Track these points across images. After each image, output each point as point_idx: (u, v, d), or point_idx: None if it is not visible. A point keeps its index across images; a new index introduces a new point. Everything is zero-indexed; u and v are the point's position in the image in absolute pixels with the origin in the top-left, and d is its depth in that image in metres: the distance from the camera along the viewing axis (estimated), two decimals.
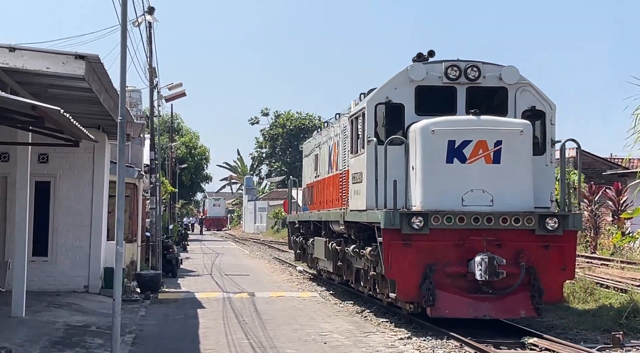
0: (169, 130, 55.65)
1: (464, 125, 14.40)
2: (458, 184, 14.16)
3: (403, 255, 13.96)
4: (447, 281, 13.88)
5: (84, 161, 18.88)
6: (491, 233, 13.87)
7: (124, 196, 10.27)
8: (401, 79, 15.29)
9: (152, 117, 24.82)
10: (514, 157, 14.20)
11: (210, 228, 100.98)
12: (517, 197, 14.18)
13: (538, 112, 15.33)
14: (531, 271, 13.84)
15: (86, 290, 18.60)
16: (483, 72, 15.21)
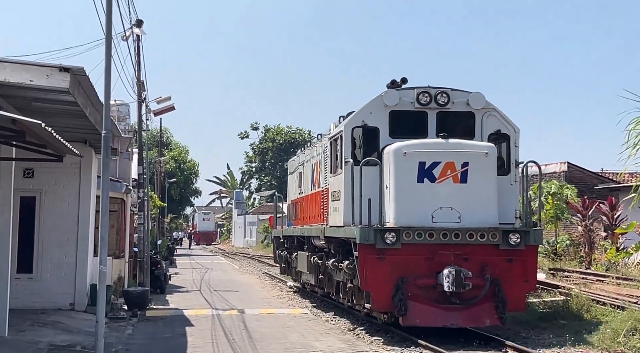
0: (157, 145, 55.29)
1: (434, 148, 15.52)
2: (428, 202, 15.24)
3: (377, 269, 14.97)
4: (418, 292, 14.88)
5: (70, 176, 18.51)
6: (458, 248, 14.95)
7: (107, 213, 9.94)
8: (376, 104, 16.42)
9: (140, 130, 24.47)
10: (480, 177, 15.29)
11: (199, 242, 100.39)
12: (482, 214, 15.24)
13: (503, 135, 16.45)
14: (496, 283, 14.87)
15: (72, 307, 18.19)
16: (452, 98, 16.38)
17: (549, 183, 28.16)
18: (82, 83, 11.53)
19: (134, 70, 21.94)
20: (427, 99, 16.33)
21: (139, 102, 23.00)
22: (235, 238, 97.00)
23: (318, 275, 20.22)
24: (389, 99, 16.30)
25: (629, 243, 21.30)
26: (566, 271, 20.42)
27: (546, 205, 27.79)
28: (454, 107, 16.43)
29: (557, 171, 36.28)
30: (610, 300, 15.68)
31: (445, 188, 15.28)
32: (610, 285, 17.77)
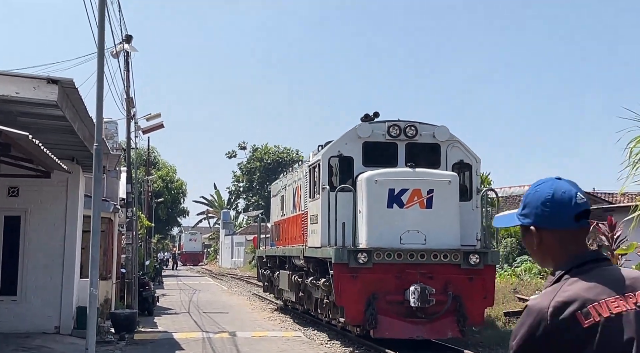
0: (145, 164, 54.66)
1: (402, 176, 16.97)
2: (397, 226, 16.61)
3: (350, 286, 16.33)
4: (387, 307, 16.21)
5: (56, 195, 17.92)
6: (424, 267, 16.37)
7: (99, 232, 9.35)
8: (351, 136, 18.06)
9: (129, 148, 23.93)
10: (444, 203, 16.76)
11: (186, 263, 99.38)
12: (446, 237, 16.70)
13: (466, 165, 18.15)
14: (457, 299, 16.29)
15: (57, 331, 17.52)
16: (420, 131, 17.99)
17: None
18: (71, 96, 11.00)
19: (123, 86, 21.46)
20: (397, 132, 17.91)
21: (128, 119, 22.46)
22: (223, 259, 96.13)
23: (298, 292, 21.44)
24: (362, 131, 17.92)
25: (629, 265, 20.79)
26: None
27: None
28: (421, 139, 18.01)
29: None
30: None
31: (412, 213, 16.72)
32: None
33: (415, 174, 16.98)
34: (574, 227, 2.74)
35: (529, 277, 24.90)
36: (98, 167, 8.99)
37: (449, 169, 17.76)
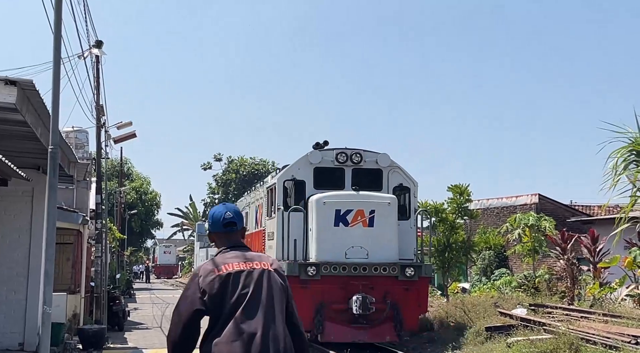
0: (118, 175, 53.77)
1: (347, 198, 19.02)
2: (342, 242, 18.61)
3: (301, 296, 16.99)
4: (333, 315, 18.25)
5: (21, 205, 17.16)
6: (366, 279, 18.43)
7: (54, 243, 8.62)
8: (303, 162, 20.14)
9: (99, 157, 23.16)
10: (384, 222, 18.78)
11: (160, 276, 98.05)
12: (385, 252, 18.72)
13: (405, 188, 20.39)
14: (395, 307, 18.37)
15: (21, 348, 16.73)
16: (364, 157, 20.17)
17: (527, 215, 27.34)
18: (32, 99, 10.33)
19: (92, 94, 20.74)
20: (344, 158, 20.06)
21: (98, 127, 21.72)
22: None
23: None
24: (313, 158, 20.04)
25: (612, 278, 20.45)
26: (548, 307, 19.41)
27: (524, 237, 26.96)
28: (365, 164, 20.16)
29: (527, 203, 35.55)
30: (600, 339, 14.62)
31: (356, 231, 18.74)
32: (597, 322, 16.78)
33: (359, 196, 19.06)
34: (223, 230, 5.04)
35: (509, 291, 24.47)
36: (53, 172, 8.29)
37: (390, 192, 19.93)
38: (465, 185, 25.55)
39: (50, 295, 8.39)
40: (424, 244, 20.79)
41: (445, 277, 26.06)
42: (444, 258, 25.40)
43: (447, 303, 23.90)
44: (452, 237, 25.37)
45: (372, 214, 18.73)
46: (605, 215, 31.31)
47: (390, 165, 20.35)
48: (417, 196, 20.70)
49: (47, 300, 8.23)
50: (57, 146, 8.56)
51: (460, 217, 25.95)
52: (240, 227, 5.05)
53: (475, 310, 20.41)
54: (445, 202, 25.79)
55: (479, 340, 18.02)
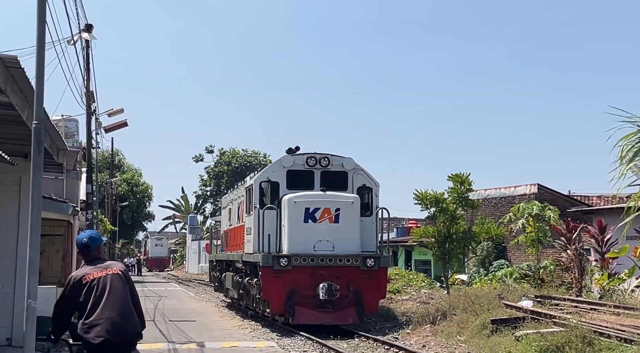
0: (109, 167, 52.96)
1: (316, 198, 21.43)
2: (311, 236, 21.03)
3: (274, 284, 20.85)
4: (302, 300, 20.72)
5: (8, 195, 16.43)
6: (331, 268, 20.80)
7: (38, 230, 7.85)
8: (277, 165, 22.77)
9: (90, 146, 22.42)
10: (348, 218, 21.24)
11: (152, 269, 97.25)
12: (349, 245, 21.15)
13: (367, 188, 22.72)
14: (357, 293, 20.84)
15: (9, 343, 16.02)
16: (331, 161, 22.54)
17: (530, 204, 26.72)
18: (17, 78, 9.60)
19: (82, 80, 19.97)
20: (314, 162, 22.43)
21: (88, 114, 20.96)
22: (190, 264, 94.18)
23: (239, 290, 25.66)
24: (286, 162, 22.46)
25: (621, 269, 19.85)
26: (555, 298, 18.78)
27: (527, 227, 26.33)
28: (332, 167, 22.50)
29: (527, 193, 34.99)
30: (614, 332, 14.03)
31: (323, 227, 21.16)
32: (607, 314, 16.19)
33: (326, 196, 21.50)
34: (82, 250, 7.66)
35: (512, 282, 23.86)
36: (38, 150, 7.56)
37: (354, 192, 22.24)
38: (466, 174, 24.87)
39: (35, 288, 7.66)
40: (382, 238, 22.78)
41: (446, 268, 25.42)
42: (444, 249, 24.79)
43: (449, 295, 23.28)
44: (453, 227, 24.75)
45: (338, 212, 21.23)
46: (605, 205, 30.79)
47: (355, 168, 22.76)
48: (378, 195, 22.85)
49: (32, 294, 7.49)
50: (41, 121, 7.85)
51: (461, 207, 25.29)
52: (96, 246, 7.74)
53: (478, 302, 19.75)
54: (446, 191, 25.12)
55: (485, 333, 17.39)
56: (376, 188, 22.80)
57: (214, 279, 34.22)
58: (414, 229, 27.67)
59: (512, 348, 15.38)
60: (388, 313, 23.82)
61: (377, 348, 17.84)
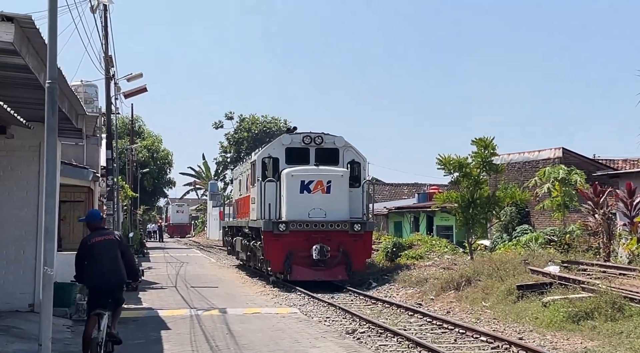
0: (129, 133, 52.83)
1: (310, 172, 24.62)
2: (306, 205, 24.24)
3: (274, 246, 24.22)
4: (299, 260, 23.95)
5: (28, 161, 16.26)
6: (324, 233, 24.01)
7: (55, 194, 7.60)
8: (277, 143, 26.20)
9: (109, 111, 22.16)
10: (338, 189, 24.42)
11: (173, 235, 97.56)
12: (339, 212, 24.38)
13: (356, 163, 25.92)
14: (346, 254, 24.06)
15: (31, 309, 15.95)
16: (325, 140, 25.70)
17: (556, 169, 26.24)
18: (32, 40, 9.32)
19: (101, 44, 19.67)
20: (309, 140, 25.57)
21: (107, 79, 20.69)
22: (210, 231, 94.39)
23: (247, 252, 29.24)
24: (285, 140, 25.96)
25: None
26: (583, 264, 18.43)
27: (553, 191, 25.88)
28: (325, 145, 25.60)
29: (551, 157, 34.38)
30: None
31: (317, 197, 24.30)
32: (637, 279, 15.86)
33: (319, 170, 24.65)
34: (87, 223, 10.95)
35: (537, 247, 23.52)
36: (52, 111, 7.28)
37: (345, 166, 25.38)
38: (490, 138, 24.39)
39: (52, 255, 7.47)
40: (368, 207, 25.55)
41: (469, 234, 25.09)
42: (468, 214, 24.44)
43: (472, 260, 23.00)
44: (477, 192, 24.37)
45: (329, 184, 24.32)
46: (631, 169, 30.22)
47: (345, 145, 25.89)
48: (366, 169, 26.47)
49: (48, 261, 7.26)
50: (55, 80, 7.55)
51: (485, 172, 24.86)
52: (95, 220, 10.73)
53: (503, 267, 19.48)
54: (469, 156, 24.68)
55: (511, 299, 17.16)
56: (364, 163, 26.09)
57: (227, 243, 38.17)
58: (437, 194, 27.26)
59: (540, 314, 15.16)
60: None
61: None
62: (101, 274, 10.13)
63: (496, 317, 16.32)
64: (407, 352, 12.75)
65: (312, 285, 23.03)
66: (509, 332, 14.42)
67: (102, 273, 10.13)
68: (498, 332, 14.28)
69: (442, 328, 15.34)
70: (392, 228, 43.68)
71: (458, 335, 14.40)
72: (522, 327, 14.86)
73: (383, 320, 16.51)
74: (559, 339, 13.41)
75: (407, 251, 27.86)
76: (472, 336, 14.08)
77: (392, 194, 58.69)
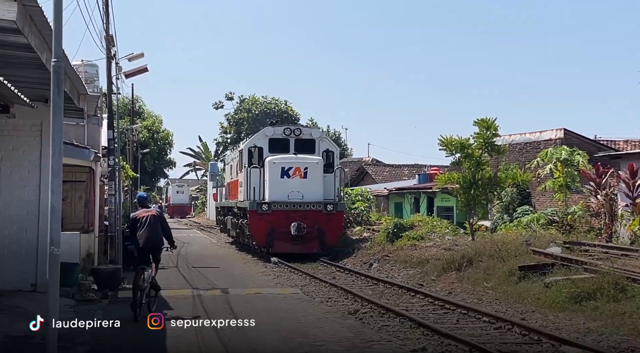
0: (129, 113, 52.70)
1: (290, 160, 28.37)
2: (286, 188, 28.03)
3: (259, 223, 27.92)
4: (279, 235, 27.59)
5: (30, 140, 16.28)
6: (301, 212, 27.75)
7: (60, 173, 7.54)
8: (261, 134, 30.05)
9: (110, 90, 22.04)
10: (314, 175, 28.14)
11: (173, 215, 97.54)
12: (314, 195, 28.00)
13: (330, 152, 29.86)
14: (320, 231, 27.67)
15: (34, 288, 16.01)
16: (303, 131, 29.90)
17: (558, 149, 26.16)
18: (35, 19, 9.26)
19: (102, 23, 19.55)
20: (289, 132, 29.50)
21: (108, 58, 20.56)
22: (210, 211, 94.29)
23: (237, 230, 32.62)
24: (268, 132, 29.75)
25: None
26: (585, 244, 18.42)
27: (555, 172, 25.81)
28: (303, 136, 29.49)
29: (552, 138, 34.29)
30: None
31: (295, 181, 28.00)
32: (639, 260, 15.88)
33: (298, 158, 28.43)
34: (139, 203, 15.46)
35: (539, 228, 23.51)
36: (57, 90, 7.21)
37: (320, 155, 29.12)
38: (492, 118, 24.28)
39: (58, 235, 7.38)
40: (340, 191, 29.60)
41: (471, 215, 25.06)
42: (469, 195, 24.38)
43: (474, 241, 23.00)
44: (478, 173, 24.30)
45: (306, 170, 28.01)
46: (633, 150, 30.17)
47: (320, 136, 30.28)
48: (338, 157, 30.38)
49: (54, 240, 7.21)
50: (60, 59, 7.50)
51: (487, 153, 24.77)
52: (142, 200, 15.24)
53: (505, 248, 19.47)
54: (471, 137, 24.58)
55: (512, 279, 17.18)
56: (337, 151, 30.27)
57: (220, 222, 42.94)
58: (439, 175, 27.20)
59: (542, 294, 15.18)
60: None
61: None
62: (145, 239, 13.97)
63: (498, 297, 16.33)
64: (410, 332, 12.76)
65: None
66: (511, 313, 14.44)
67: (145, 239, 13.97)
68: (500, 313, 14.29)
69: (444, 308, 15.36)
70: (393, 209, 43.64)
71: (460, 316, 14.42)
72: (525, 307, 14.88)
73: (385, 300, 16.54)
74: (562, 320, 13.43)
75: (408, 232, 27.81)
76: (475, 317, 14.09)
77: (393, 175, 58.59)
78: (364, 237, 31.04)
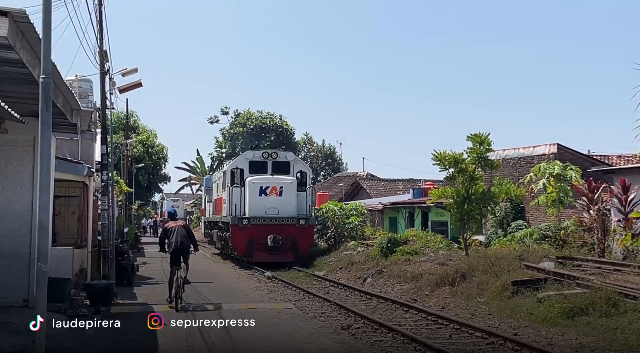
0: (124, 128, 52.64)
1: (267, 180, 32.07)
2: (264, 205, 31.61)
3: (240, 236, 31.44)
4: (258, 246, 31.03)
5: (22, 156, 16.25)
6: (277, 226, 31.20)
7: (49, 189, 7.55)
8: (242, 157, 34.04)
9: (104, 106, 22.05)
10: (288, 193, 31.85)
11: None
12: (289, 210, 31.63)
13: (303, 172, 33.75)
14: (293, 242, 31.10)
15: (26, 304, 15.93)
16: (279, 155, 33.68)
17: (551, 164, 26.19)
18: (27, 34, 9.27)
19: (95, 39, 19.58)
20: (267, 155, 33.48)
21: (102, 73, 20.58)
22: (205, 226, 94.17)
23: (222, 242, 36.51)
24: (248, 155, 33.71)
25: None
26: (577, 259, 18.43)
27: (548, 187, 25.84)
28: (279, 159, 33.40)
29: (546, 153, 34.36)
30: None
31: (272, 199, 31.66)
32: (632, 275, 15.88)
33: (274, 178, 32.21)
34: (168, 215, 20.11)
35: (532, 243, 23.52)
36: (46, 106, 7.23)
37: (294, 175, 32.98)
38: (486, 134, 24.33)
39: (46, 251, 7.35)
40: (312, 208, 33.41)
41: (465, 230, 25.06)
42: (463, 210, 24.39)
43: (467, 256, 23.00)
44: (472, 188, 24.33)
45: (281, 189, 31.76)
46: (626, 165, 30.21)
47: (294, 159, 34.14)
48: (310, 177, 34.40)
49: (42, 257, 7.16)
50: (49, 75, 7.51)
51: (481, 168, 24.80)
52: (171, 213, 19.65)
53: (498, 263, 19.48)
54: (465, 152, 24.62)
55: (505, 294, 17.18)
56: (309, 172, 34.32)
57: (207, 235, 46.78)
58: (432, 190, 27.23)
59: (534, 310, 15.17)
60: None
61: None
62: (176, 244, 17.66)
63: (491, 312, 16.33)
64: (402, 347, 12.75)
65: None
66: (504, 328, 14.44)
67: (176, 244, 17.66)
68: (493, 328, 14.28)
69: (437, 323, 15.34)
70: (387, 223, 43.64)
71: (453, 331, 14.41)
72: (517, 322, 14.88)
73: (378, 315, 16.52)
74: (554, 335, 13.43)
75: (402, 246, 27.80)
76: (467, 332, 14.09)
77: (387, 190, 58.65)
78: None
